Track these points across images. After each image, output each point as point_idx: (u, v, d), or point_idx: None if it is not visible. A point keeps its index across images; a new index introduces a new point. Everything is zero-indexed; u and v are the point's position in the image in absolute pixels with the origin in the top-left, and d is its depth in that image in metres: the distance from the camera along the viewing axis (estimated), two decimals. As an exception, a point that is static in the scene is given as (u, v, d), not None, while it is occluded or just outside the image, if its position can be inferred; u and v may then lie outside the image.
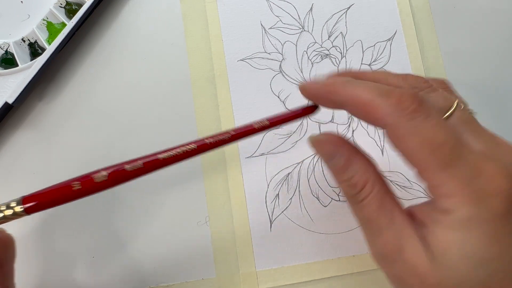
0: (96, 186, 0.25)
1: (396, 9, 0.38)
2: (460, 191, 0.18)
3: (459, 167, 0.18)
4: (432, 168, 0.18)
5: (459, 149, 0.18)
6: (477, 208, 0.17)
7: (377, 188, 0.20)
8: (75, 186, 0.25)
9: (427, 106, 0.19)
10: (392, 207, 0.20)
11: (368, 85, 0.20)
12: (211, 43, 0.37)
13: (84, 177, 0.25)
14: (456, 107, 0.20)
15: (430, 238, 0.18)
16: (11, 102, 0.33)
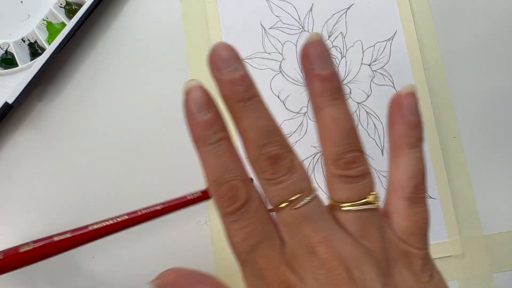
0: (20, 257, 0.24)
1: (396, 9, 0.38)
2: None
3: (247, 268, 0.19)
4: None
5: (249, 254, 0.18)
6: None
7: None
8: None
9: (243, 211, 0.18)
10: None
11: (214, 164, 0.19)
12: (211, 43, 0.37)
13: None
14: (286, 205, 0.18)
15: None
16: (11, 102, 0.33)
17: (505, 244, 0.35)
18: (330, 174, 0.19)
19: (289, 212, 0.18)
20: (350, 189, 0.19)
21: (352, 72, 0.37)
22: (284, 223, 0.19)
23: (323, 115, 0.19)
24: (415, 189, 0.20)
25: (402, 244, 0.19)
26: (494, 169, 0.36)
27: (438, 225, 0.35)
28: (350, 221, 0.19)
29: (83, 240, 0.25)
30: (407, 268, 0.19)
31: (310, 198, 0.18)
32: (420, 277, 0.19)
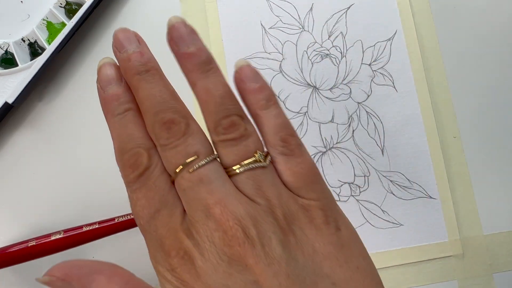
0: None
1: (396, 9, 0.38)
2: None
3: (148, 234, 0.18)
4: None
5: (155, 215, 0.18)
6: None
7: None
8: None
9: (145, 177, 0.19)
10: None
11: (120, 133, 0.20)
12: (211, 43, 0.37)
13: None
14: (182, 169, 0.18)
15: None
16: (11, 102, 0.33)
17: (505, 244, 0.35)
18: (214, 143, 0.20)
19: (184, 176, 0.18)
20: (234, 151, 0.19)
21: (352, 72, 0.37)
22: (181, 188, 0.18)
23: (197, 90, 0.20)
24: (283, 142, 0.20)
25: (299, 199, 0.19)
26: (494, 169, 0.36)
27: (438, 225, 0.35)
28: (243, 182, 0.19)
29: (110, 231, 0.26)
30: (309, 222, 0.18)
31: (206, 161, 0.18)
32: (323, 230, 0.18)
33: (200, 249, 0.17)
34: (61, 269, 0.19)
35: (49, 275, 0.20)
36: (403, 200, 0.35)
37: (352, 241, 0.19)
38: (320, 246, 0.18)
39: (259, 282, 0.17)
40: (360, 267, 0.18)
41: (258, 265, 0.17)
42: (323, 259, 0.18)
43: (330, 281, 0.17)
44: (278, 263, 0.17)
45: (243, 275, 0.17)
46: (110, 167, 0.35)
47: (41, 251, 0.25)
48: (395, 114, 0.37)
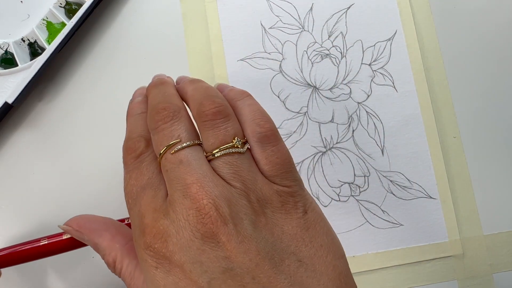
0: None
1: (396, 9, 0.38)
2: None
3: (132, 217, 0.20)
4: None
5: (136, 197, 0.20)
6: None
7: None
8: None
9: (139, 161, 0.21)
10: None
11: (131, 127, 0.23)
12: (211, 43, 0.37)
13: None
14: (165, 150, 0.20)
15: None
16: (10, 102, 0.33)
17: (505, 244, 0.35)
18: (198, 127, 0.21)
19: (167, 158, 0.20)
20: (213, 134, 0.21)
21: (352, 72, 0.37)
22: (164, 170, 0.20)
23: (187, 94, 0.23)
24: (259, 128, 0.21)
25: (274, 185, 0.20)
26: (494, 169, 0.36)
27: (438, 225, 0.35)
28: (221, 166, 0.20)
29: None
30: (281, 207, 0.20)
31: (187, 144, 0.20)
32: (292, 214, 0.20)
33: (176, 227, 0.18)
34: (76, 221, 0.23)
35: (67, 225, 0.23)
36: (403, 200, 0.35)
37: (317, 222, 0.21)
38: (288, 228, 0.20)
39: (231, 258, 0.18)
40: (324, 244, 0.20)
41: (230, 242, 0.18)
42: (290, 240, 0.19)
43: (296, 258, 0.19)
44: (248, 241, 0.18)
45: (216, 252, 0.18)
46: (110, 167, 0.35)
47: (53, 250, 0.25)
48: (395, 114, 0.37)
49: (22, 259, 0.26)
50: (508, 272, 0.35)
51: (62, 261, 0.34)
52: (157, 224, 0.19)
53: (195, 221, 0.18)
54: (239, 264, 0.18)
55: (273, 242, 0.19)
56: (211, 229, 0.18)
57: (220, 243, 0.18)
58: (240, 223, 0.19)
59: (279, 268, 0.18)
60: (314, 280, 0.19)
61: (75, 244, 0.25)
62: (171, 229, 0.18)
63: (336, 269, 0.20)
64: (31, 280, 0.34)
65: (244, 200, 0.19)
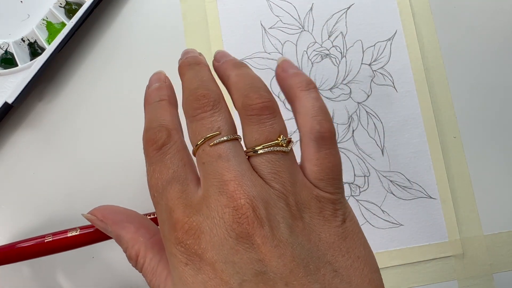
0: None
1: (396, 9, 0.38)
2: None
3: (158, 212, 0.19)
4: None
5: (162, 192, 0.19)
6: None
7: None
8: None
9: (162, 152, 0.20)
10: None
11: (150, 116, 0.21)
12: (211, 43, 0.37)
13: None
14: (203, 142, 0.19)
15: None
16: (10, 102, 0.33)
17: (505, 244, 0.35)
18: (241, 119, 0.20)
19: (205, 150, 0.19)
20: (258, 129, 0.20)
21: (352, 72, 0.37)
22: (201, 162, 0.19)
23: (230, 80, 0.21)
24: (320, 126, 0.20)
25: (315, 189, 0.20)
26: (494, 169, 0.36)
27: (439, 225, 0.35)
28: (262, 164, 0.19)
29: None
30: (319, 213, 0.19)
31: (227, 138, 0.19)
32: (331, 222, 0.19)
33: (209, 224, 0.18)
34: (101, 211, 0.22)
35: (91, 214, 0.22)
36: (403, 200, 0.35)
37: (355, 233, 0.20)
38: (326, 236, 0.19)
39: (265, 261, 0.17)
40: (360, 256, 0.19)
41: (265, 245, 0.17)
42: (327, 248, 0.19)
43: (332, 268, 0.18)
44: (284, 246, 0.17)
45: (249, 253, 0.17)
46: (110, 166, 0.35)
47: (57, 247, 0.25)
48: (395, 114, 0.37)
49: (25, 256, 0.26)
50: (508, 272, 0.35)
51: (62, 261, 0.34)
52: (190, 219, 0.18)
53: (230, 220, 0.17)
54: (272, 268, 0.17)
55: (309, 249, 0.18)
56: (247, 230, 0.17)
57: (255, 245, 0.17)
58: (277, 227, 0.18)
59: (313, 276, 0.18)
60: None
61: (80, 242, 0.25)
62: (204, 226, 0.18)
63: (372, 283, 0.19)
64: (31, 280, 0.34)
65: (282, 202, 0.19)
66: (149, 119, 0.21)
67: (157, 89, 0.22)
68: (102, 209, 0.22)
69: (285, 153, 0.20)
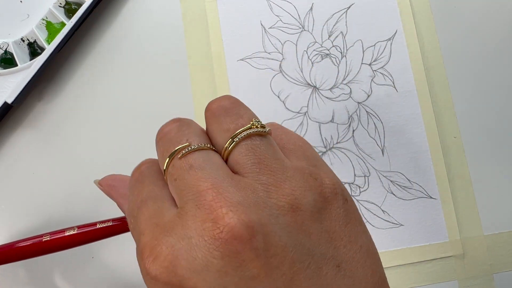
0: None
1: (397, 9, 0.38)
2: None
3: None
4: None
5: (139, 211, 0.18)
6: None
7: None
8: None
9: (139, 172, 0.19)
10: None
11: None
12: (211, 43, 0.37)
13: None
14: (172, 156, 0.17)
15: None
16: (10, 102, 0.33)
17: (505, 245, 0.35)
18: (207, 129, 0.18)
19: (175, 164, 0.17)
20: (226, 122, 0.17)
21: (353, 72, 0.37)
22: (171, 179, 0.17)
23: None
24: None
25: (307, 168, 0.17)
26: (494, 169, 0.36)
27: (439, 225, 0.35)
28: (240, 158, 0.17)
29: (123, 229, 0.26)
30: (318, 193, 0.17)
31: (197, 146, 0.17)
32: (332, 203, 0.17)
33: (185, 246, 0.15)
34: (108, 180, 0.22)
35: (99, 183, 0.22)
36: (403, 200, 0.35)
37: (356, 217, 0.18)
38: (327, 224, 0.16)
39: (259, 276, 0.14)
40: (363, 245, 0.17)
41: (259, 258, 0.14)
42: (329, 240, 0.16)
43: (335, 263, 0.16)
44: (282, 252, 0.15)
45: (241, 272, 0.14)
46: (110, 166, 0.35)
47: (55, 247, 0.25)
48: (395, 114, 0.36)
49: (23, 255, 0.26)
50: (508, 272, 0.35)
51: (62, 261, 0.34)
52: (159, 243, 0.15)
53: (211, 237, 0.15)
54: (270, 282, 0.15)
55: (310, 247, 0.16)
56: (234, 246, 0.14)
57: (247, 261, 0.14)
58: (272, 232, 0.15)
59: (315, 279, 0.15)
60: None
61: (77, 241, 0.25)
62: (178, 249, 0.15)
63: (374, 275, 0.17)
64: (31, 280, 0.34)
65: (274, 197, 0.16)
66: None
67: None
68: (110, 178, 0.22)
69: (263, 136, 0.17)
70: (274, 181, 0.16)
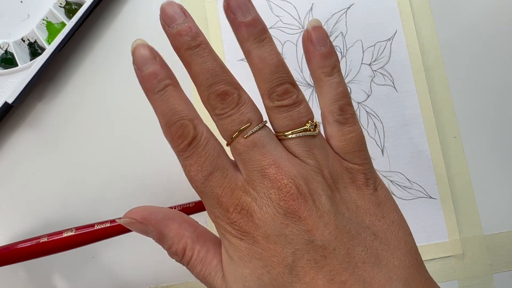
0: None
1: (396, 9, 0.38)
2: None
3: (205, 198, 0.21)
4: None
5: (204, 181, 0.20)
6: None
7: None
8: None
9: (194, 146, 0.20)
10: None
11: (163, 109, 0.21)
12: (211, 43, 0.37)
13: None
14: (237, 135, 0.21)
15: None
16: (10, 102, 0.33)
17: (505, 244, 0.35)
18: (268, 109, 0.21)
19: (239, 141, 0.20)
20: (287, 117, 0.21)
21: (353, 72, 0.37)
22: (236, 153, 0.21)
23: (252, 57, 0.21)
24: (341, 110, 0.22)
25: (344, 162, 0.22)
26: (494, 169, 0.36)
27: (439, 225, 0.35)
28: (294, 145, 0.21)
29: (122, 230, 0.26)
30: (352, 183, 0.21)
31: (259, 127, 0.21)
32: (364, 190, 0.21)
33: (258, 204, 0.20)
34: (139, 213, 0.22)
35: (128, 217, 0.22)
36: (403, 200, 0.35)
37: (387, 199, 0.22)
38: (362, 203, 0.21)
39: (312, 231, 0.19)
40: (395, 221, 0.21)
41: (311, 217, 0.19)
42: (364, 214, 0.21)
43: (371, 231, 0.20)
44: (327, 215, 0.19)
45: (298, 225, 0.19)
46: (110, 166, 0.35)
47: (53, 248, 0.25)
48: (395, 114, 0.37)
49: (22, 257, 0.26)
50: (508, 272, 0.35)
51: (62, 261, 0.34)
52: (240, 201, 0.20)
53: (277, 199, 0.19)
54: (320, 236, 0.19)
55: (349, 217, 0.20)
56: (293, 206, 0.19)
57: (302, 218, 0.19)
58: (319, 199, 0.20)
59: (355, 240, 0.20)
60: (388, 253, 0.20)
61: (75, 243, 0.25)
62: (254, 206, 0.20)
63: (407, 245, 0.21)
64: (30, 280, 0.34)
65: (319, 176, 0.20)
66: (164, 113, 0.21)
67: (154, 74, 0.21)
68: (141, 210, 0.22)
69: (314, 137, 0.21)
70: (319, 166, 0.21)
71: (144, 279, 0.34)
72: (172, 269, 0.34)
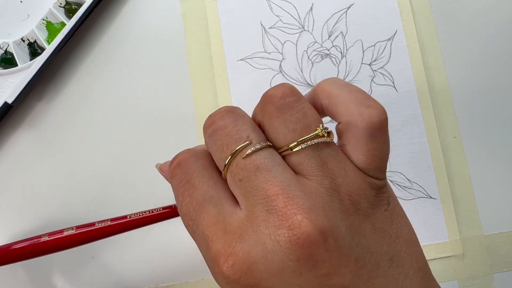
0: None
1: (397, 9, 0.38)
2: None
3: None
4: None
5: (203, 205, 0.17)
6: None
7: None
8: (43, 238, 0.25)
9: (188, 175, 0.18)
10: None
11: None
12: (211, 43, 0.37)
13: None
14: (235, 155, 0.17)
15: None
16: (10, 102, 0.33)
17: (505, 244, 0.35)
18: (263, 123, 0.18)
19: (238, 164, 0.17)
20: (290, 122, 0.17)
21: (353, 72, 0.37)
22: (236, 179, 0.17)
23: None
24: (372, 114, 0.18)
25: (367, 177, 0.18)
26: (494, 169, 0.36)
27: (439, 225, 0.35)
28: (305, 161, 0.17)
29: (122, 228, 0.26)
30: (369, 201, 0.18)
31: (261, 145, 0.17)
32: (380, 207, 0.18)
33: (261, 251, 0.15)
34: (165, 165, 0.20)
35: (160, 168, 0.21)
36: (403, 200, 0.35)
37: (398, 212, 0.19)
38: (378, 225, 0.18)
39: (330, 274, 0.16)
40: (407, 238, 0.19)
41: (331, 259, 0.16)
42: (381, 238, 0.18)
43: (388, 257, 0.17)
44: (348, 252, 0.16)
45: (315, 271, 0.15)
46: (110, 166, 0.35)
47: (54, 247, 0.25)
48: (395, 114, 0.36)
49: (22, 256, 0.26)
50: (508, 272, 0.35)
51: (62, 261, 0.34)
52: (234, 250, 0.16)
53: (288, 243, 0.15)
54: (339, 278, 0.16)
55: (368, 246, 0.17)
56: (309, 250, 0.15)
57: (320, 262, 0.15)
58: (339, 234, 0.16)
59: (375, 272, 0.17)
60: (402, 276, 0.17)
61: (76, 241, 0.25)
62: (254, 254, 0.15)
63: (418, 261, 0.19)
64: (30, 280, 0.34)
65: (336, 201, 0.17)
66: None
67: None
68: (166, 164, 0.21)
69: (328, 144, 0.17)
70: (335, 185, 0.17)
71: (144, 279, 0.34)
72: (172, 269, 0.34)
